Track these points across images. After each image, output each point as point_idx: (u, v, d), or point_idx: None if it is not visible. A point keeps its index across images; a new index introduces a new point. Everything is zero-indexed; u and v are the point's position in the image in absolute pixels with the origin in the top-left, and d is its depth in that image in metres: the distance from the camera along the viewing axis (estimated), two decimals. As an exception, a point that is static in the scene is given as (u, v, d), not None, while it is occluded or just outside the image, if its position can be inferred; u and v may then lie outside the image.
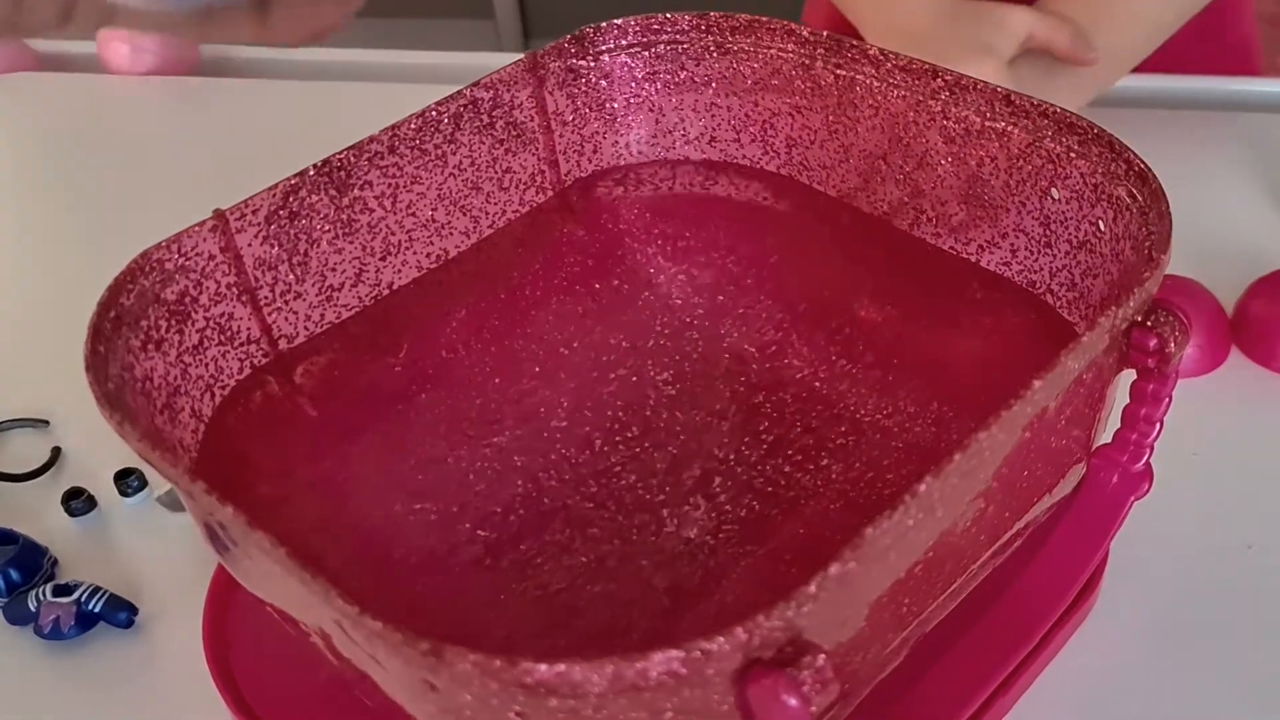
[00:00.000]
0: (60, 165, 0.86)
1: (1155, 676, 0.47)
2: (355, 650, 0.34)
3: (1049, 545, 0.46)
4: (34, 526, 0.56)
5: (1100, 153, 0.45)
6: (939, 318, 0.51)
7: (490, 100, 0.52)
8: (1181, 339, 0.40)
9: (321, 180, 0.48)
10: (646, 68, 0.56)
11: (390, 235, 0.51)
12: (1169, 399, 0.43)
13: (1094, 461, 0.45)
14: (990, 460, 0.36)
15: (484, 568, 0.46)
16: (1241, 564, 0.51)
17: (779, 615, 0.29)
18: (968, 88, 0.48)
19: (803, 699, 0.29)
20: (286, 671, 0.46)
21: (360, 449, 0.49)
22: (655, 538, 0.47)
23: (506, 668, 0.28)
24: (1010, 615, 0.45)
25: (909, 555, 0.35)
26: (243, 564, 0.39)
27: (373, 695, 0.36)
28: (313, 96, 0.91)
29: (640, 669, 0.29)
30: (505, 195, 0.54)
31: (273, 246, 0.47)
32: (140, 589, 0.53)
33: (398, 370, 0.51)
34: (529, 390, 0.53)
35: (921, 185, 0.51)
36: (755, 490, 0.49)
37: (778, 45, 0.54)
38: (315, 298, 0.49)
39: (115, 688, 0.50)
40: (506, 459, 0.50)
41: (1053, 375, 0.35)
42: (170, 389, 0.44)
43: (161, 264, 0.44)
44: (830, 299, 0.54)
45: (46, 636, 0.51)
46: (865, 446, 0.50)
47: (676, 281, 0.57)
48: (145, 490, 0.57)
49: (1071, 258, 0.47)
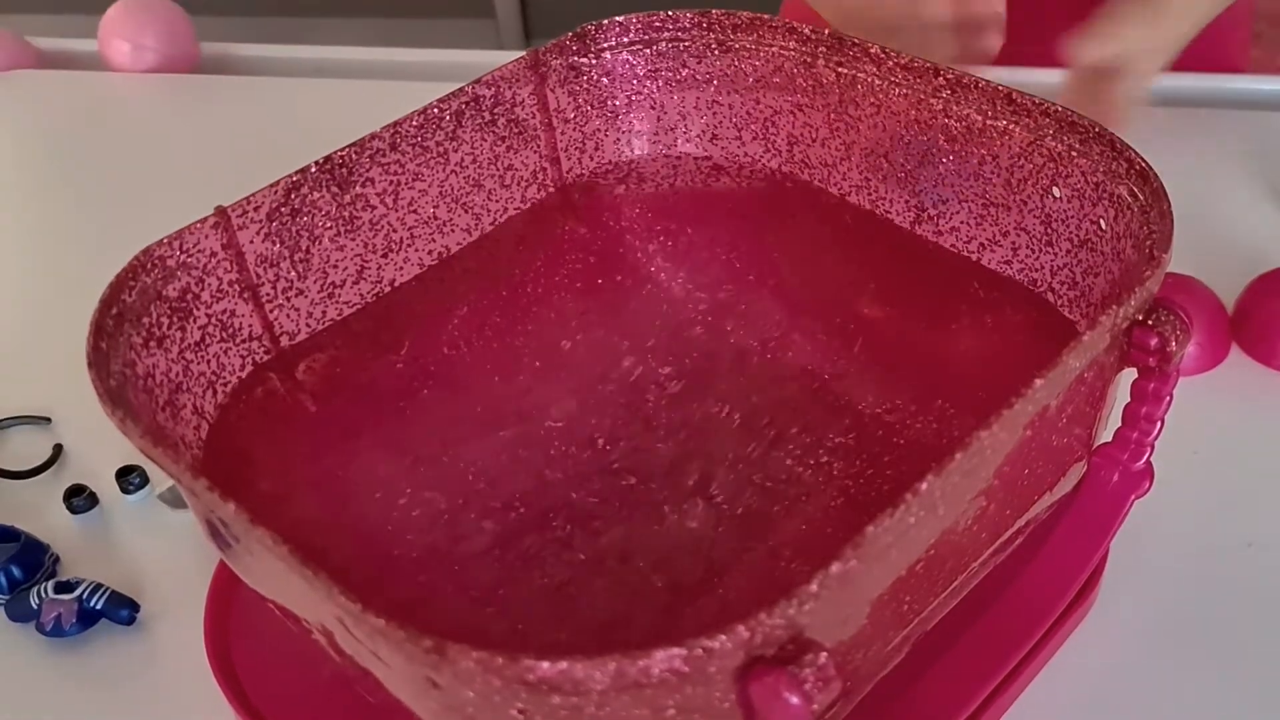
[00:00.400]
0: (61, 163, 0.86)
1: (1155, 674, 0.47)
2: (357, 647, 0.34)
3: (1050, 543, 0.46)
4: (36, 524, 0.56)
5: (1101, 151, 0.45)
6: (940, 316, 0.51)
7: (492, 97, 0.52)
8: (1183, 338, 0.40)
9: (323, 177, 0.48)
10: (648, 65, 0.56)
11: (392, 232, 0.51)
12: (1170, 397, 0.43)
13: (1095, 460, 0.45)
14: (992, 458, 0.36)
15: (486, 564, 0.46)
16: (1242, 562, 0.51)
17: (781, 613, 0.29)
18: (969, 86, 0.48)
19: (804, 696, 0.29)
20: (288, 668, 0.46)
21: (362, 446, 0.49)
22: (656, 534, 0.47)
23: (509, 665, 0.28)
24: (1011, 613, 0.45)
25: (910, 553, 0.35)
26: (244, 561, 0.39)
27: (375, 692, 0.36)
28: (314, 94, 0.91)
29: (643, 666, 0.29)
30: (507, 192, 0.54)
31: (274, 243, 0.47)
32: (142, 586, 0.53)
33: (399, 367, 0.51)
34: (530, 387, 0.53)
35: (923, 183, 0.51)
36: (756, 487, 0.49)
37: (779, 43, 0.54)
38: (317, 294, 0.49)
39: (117, 685, 0.50)
40: (508, 456, 0.50)
41: (1054, 374, 0.35)
42: (172, 386, 0.44)
43: (163, 261, 0.44)
44: (831, 297, 0.54)
45: (48, 634, 0.51)
46: (866, 444, 0.50)
47: (678, 279, 0.57)
48: (147, 487, 0.58)
49: (1073, 256, 0.47)
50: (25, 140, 0.90)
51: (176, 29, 0.95)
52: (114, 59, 0.94)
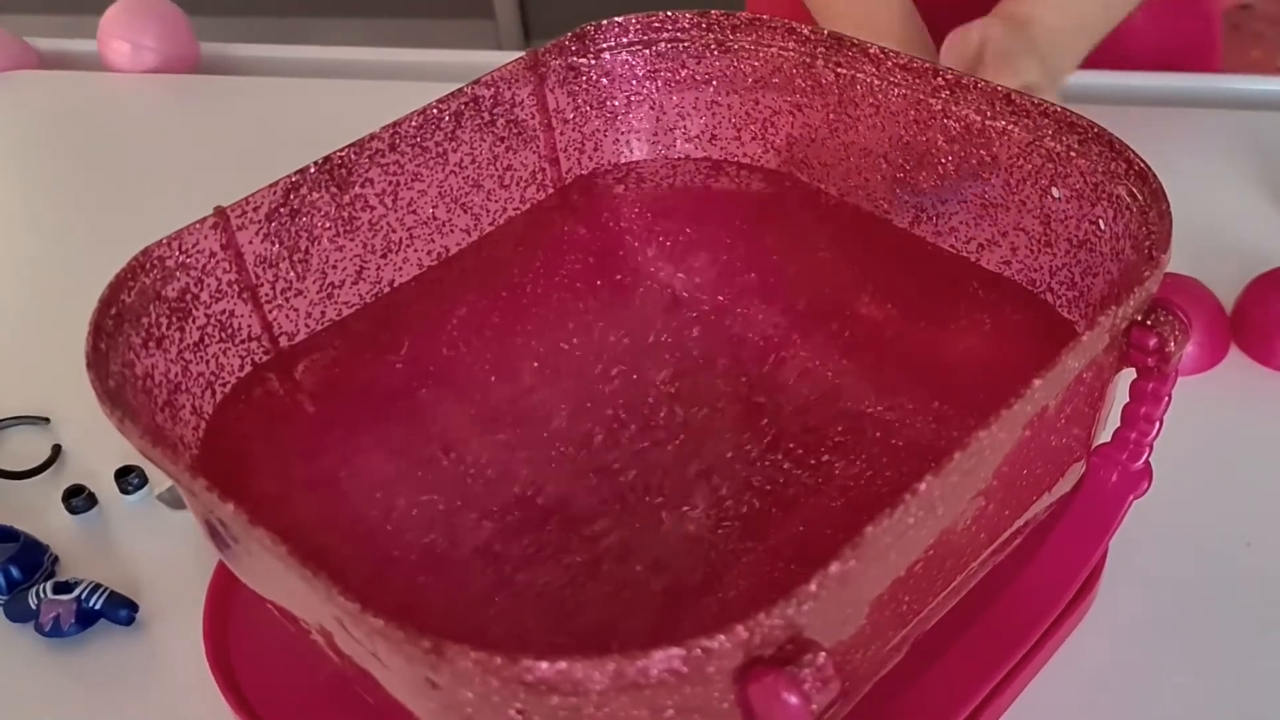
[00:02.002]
0: (61, 163, 0.86)
1: (1154, 674, 0.47)
2: (356, 648, 0.34)
3: (1049, 543, 0.46)
4: (34, 524, 0.56)
5: (1100, 151, 0.45)
6: (939, 316, 0.51)
7: (491, 98, 0.52)
8: (1181, 338, 0.40)
9: (322, 178, 0.48)
10: (647, 65, 0.56)
11: (391, 233, 0.51)
12: (1169, 398, 0.43)
13: (1094, 460, 0.45)
14: (990, 459, 0.36)
15: (485, 564, 0.46)
16: (1241, 562, 0.51)
17: (780, 613, 0.29)
18: (968, 87, 0.48)
19: (803, 697, 0.29)
20: (287, 668, 0.46)
21: (361, 446, 0.49)
22: (655, 534, 0.47)
23: (508, 665, 0.28)
24: (1010, 613, 0.45)
25: (909, 553, 0.35)
26: (243, 561, 0.39)
27: (373, 692, 0.36)
28: (313, 94, 0.91)
29: (641, 667, 0.29)
30: (506, 193, 0.54)
31: (273, 244, 0.47)
32: (141, 586, 0.53)
33: (398, 368, 0.51)
34: (529, 388, 0.53)
35: (922, 184, 0.51)
36: (755, 487, 0.49)
37: (778, 43, 0.54)
38: (316, 295, 0.49)
39: (116, 685, 0.50)
40: (507, 456, 0.50)
41: (1053, 374, 0.35)
42: (171, 386, 0.44)
43: (162, 261, 0.44)
44: (830, 297, 0.54)
45: (47, 634, 0.51)
46: (865, 444, 0.50)
47: (677, 279, 0.57)
48: (146, 488, 0.58)
49: (1071, 256, 0.47)
50: (25, 140, 0.90)
51: (176, 29, 0.95)
52: (113, 59, 0.94)
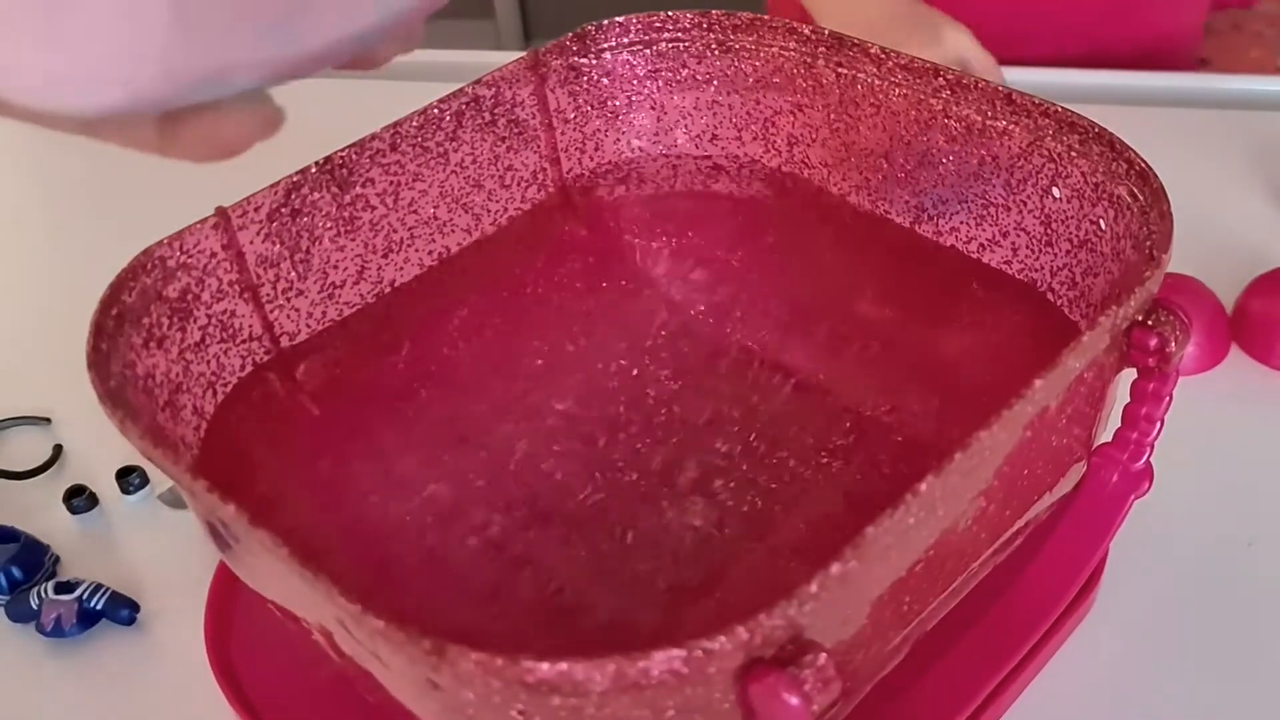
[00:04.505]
0: (61, 163, 0.86)
1: (1155, 673, 0.47)
2: (357, 648, 0.34)
3: (1050, 543, 0.46)
4: (35, 524, 0.56)
5: (1101, 152, 0.45)
6: (940, 316, 0.51)
7: (492, 98, 0.52)
8: (1182, 338, 0.40)
9: (323, 178, 0.48)
10: (648, 65, 0.56)
11: (392, 233, 0.51)
12: (1169, 398, 0.43)
13: (1094, 460, 0.45)
14: (991, 459, 0.36)
15: (486, 564, 0.46)
16: (1242, 561, 0.51)
17: (780, 614, 0.29)
18: (969, 87, 0.48)
19: (804, 697, 0.29)
20: (288, 668, 0.46)
21: (362, 446, 0.49)
22: (657, 534, 0.47)
23: (509, 666, 0.28)
24: (1011, 613, 0.45)
25: (910, 554, 0.35)
26: (244, 561, 0.39)
27: (374, 693, 0.36)
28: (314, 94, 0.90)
29: (642, 668, 0.29)
30: (507, 193, 0.54)
31: (274, 244, 0.47)
32: (142, 586, 0.53)
33: (399, 368, 0.51)
34: (530, 387, 0.53)
35: (923, 183, 0.51)
36: (756, 487, 0.49)
37: (779, 43, 0.54)
38: (317, 295, 0.49)
39: (117, 685, 0.50)
40: (508, 456, 0.50)
41: (1054, 374, 0.35)
42: (172, 386, 0.44)
43: (163, 261, 0.44)
44: (831, 296, 0.54)
45: (48, 634, 0.51)
46: (866, 444, 0.50)
47: (678, 279, 0.57)
48: (147, 488, 0.58)
49: (1072, 256, 0.47)
50: (25, 141, 0.90)
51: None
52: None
